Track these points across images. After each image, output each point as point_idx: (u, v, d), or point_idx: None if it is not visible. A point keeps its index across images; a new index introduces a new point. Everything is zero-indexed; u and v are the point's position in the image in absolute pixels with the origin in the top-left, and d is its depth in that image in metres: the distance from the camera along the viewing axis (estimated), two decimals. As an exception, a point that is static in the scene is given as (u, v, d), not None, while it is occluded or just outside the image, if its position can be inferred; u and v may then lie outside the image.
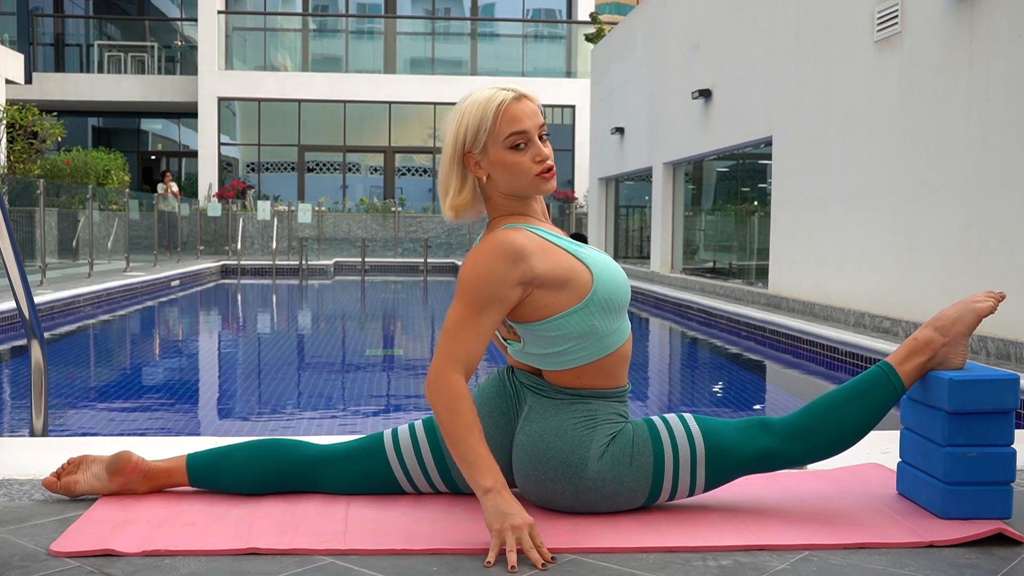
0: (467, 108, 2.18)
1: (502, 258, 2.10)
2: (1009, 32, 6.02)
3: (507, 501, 1.98)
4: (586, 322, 2.17)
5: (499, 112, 2.15)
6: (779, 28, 9.70)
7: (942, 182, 6.72)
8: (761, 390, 6.43)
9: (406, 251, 21.08)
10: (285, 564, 1.94)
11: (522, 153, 2.17)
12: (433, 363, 2.08)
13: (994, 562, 1.99)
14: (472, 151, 2.18)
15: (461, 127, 2.17)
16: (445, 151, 2.20)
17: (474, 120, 2.16)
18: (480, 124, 2.15)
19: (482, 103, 2.16)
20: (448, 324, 2.10)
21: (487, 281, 2.09)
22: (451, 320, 2.10)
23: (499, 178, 2.19)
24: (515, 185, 2.19)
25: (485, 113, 2.15)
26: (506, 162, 2.16)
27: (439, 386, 2.04)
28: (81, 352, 7.57)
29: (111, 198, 17.08)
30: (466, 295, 2.10)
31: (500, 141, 2.15)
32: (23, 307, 3.00)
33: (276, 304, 12.29)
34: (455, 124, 2.18)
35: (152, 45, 25.23)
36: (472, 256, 2.14)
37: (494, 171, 2.18)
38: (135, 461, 2.35)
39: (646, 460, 2.20)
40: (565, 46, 25.32)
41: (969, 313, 2.29)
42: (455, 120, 2.18)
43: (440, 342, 2.10)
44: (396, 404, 5.54)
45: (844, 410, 2.26)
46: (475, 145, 2.17)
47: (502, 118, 2.15)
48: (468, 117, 2.16)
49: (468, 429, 2.03)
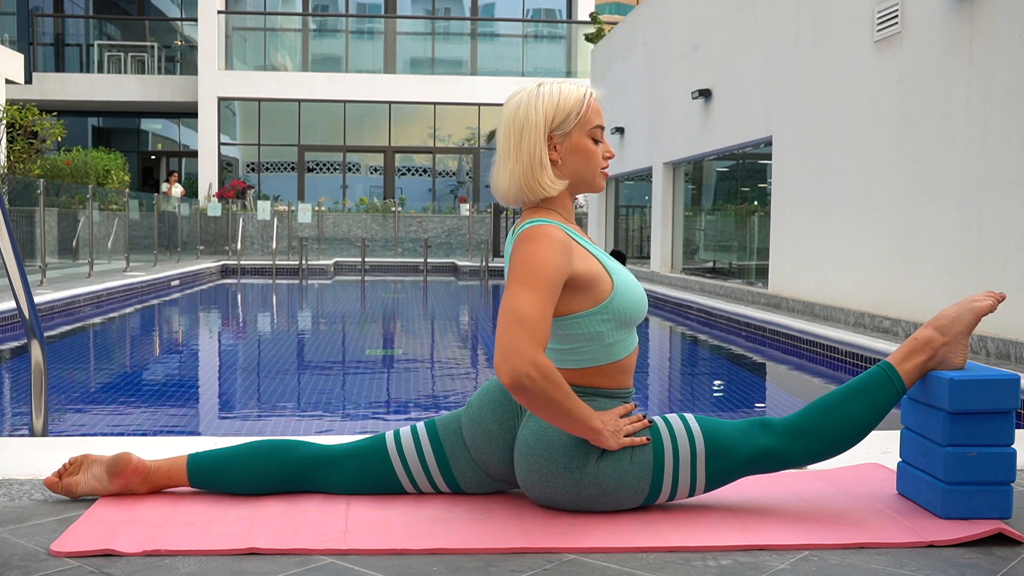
0: (563, 92, 2.25)
1: (559, 248, 2.14)
2: (1009, 32, 6.02)
3: (607, 423, 2.16)
4: (594, 327, 2.20)
5: (590, 102, 2.26)
6: (779, 28, 9.70)
7: (942, 182, 6.72)
8: (761, 390, 6.43)
9: (406, 251, 21.08)
10: (285, 564, 1.94)
11: (597, 146, 2.27)
12: (517, 352, 2.01)
13: (994, 562, 1.99)
14: (555, 133, 2.23)
15: (559, 108, 2.23)
16: (524, 130, 2.22)
17: (571, 105, 2.24)
18: (574, 109, 2.24)
19: (577, 90, 2.25)
20: (526, 311, 2.04)
21: (555, 267, 2.11)
22: (528, 306, 2.05)
23: (570, 163, 2.25)
24: (583, 172, 2.26)
25: (580, 100, 2.25)
26: (586, 149, 2.25)
27: (538, 373, 2.02)
28: (81, 352, 7.57)
29: (111, 198, 17.08)
30: (539, 281, 2.08)
31: (585, 129, 2.25)
32: (23, 307, 3.00)
33: (276, 304, 12.29)
34: (547, 105, 2.23)
35: (152, 45, 25.24)
36: (531, 244, 2.13)
37: (568, 156, 2.25)
38: (135, 463, 2.35)
39: (646, 457, 2.21)
40: (565, 46, 25.32)
41: (968, 312, 2.29)
42: (547, 102, 2.23)
43: (516, 328, 2.03)
44: (396, 404, 5.54)
45: (845, 409, 2.27)
46: (563, 127, 2.24)
47: (591, 108, 2.26)
48: (565, 101, 2.23)
49: (568, 394, 2.07)
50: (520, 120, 2.23)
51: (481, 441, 2.31)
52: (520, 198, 2.26)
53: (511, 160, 2.23)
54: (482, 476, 2.36)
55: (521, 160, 2.22)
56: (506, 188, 2.25)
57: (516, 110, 2.24)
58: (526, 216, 2.26)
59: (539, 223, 2.18)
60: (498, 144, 2.28)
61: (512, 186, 2.24)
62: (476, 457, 2.34)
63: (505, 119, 2.26)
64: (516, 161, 2.23)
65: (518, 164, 2.22)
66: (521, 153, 2.22)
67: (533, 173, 2.22)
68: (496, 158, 2.29)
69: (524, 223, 2.21)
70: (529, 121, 2.22)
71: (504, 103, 2.30)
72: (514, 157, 2.23)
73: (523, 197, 2.25)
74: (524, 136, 2.22)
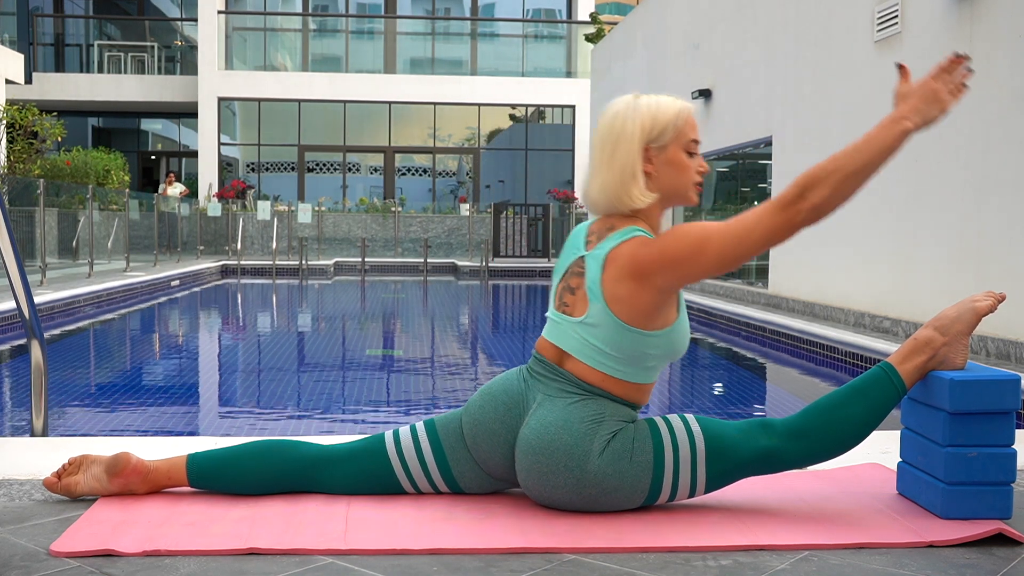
0: (660, 105, 2.25)
1: None
2: (1009, 32, 6.02)
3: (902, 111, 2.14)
4: (644, 348, 2.22)
5: (687, 116, 2.26)
6: (779, 28, 9.70)
7: (942, 182, 6.72)
8: (761, 390, 6.43)
9: (406, 251, 21.08)
10: (285, 564, 1.94)
11: (691, 159, 2.27)
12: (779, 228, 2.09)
13: (994, 562, 1.99)
14: (652, 145, 2.24)
15: (656, 121, 2.24)
16: (620, 141, 2.24)
17: (668, 117, 2.24)
18: (672, 122, 2.24)
19: (673, 104, 2.26)
20: (730, 234, 2.12)
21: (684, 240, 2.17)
22: (723, 232, 2.12)
23: (664, 176, 2.26)
24: (677, 185, 2.27)
25: (679, 114, 2.25)
26: (681, 163, 2.26)
27: (809, 210, 2.07)
28: (81, 352, 7.57)
29: (111, 198, 17.08)
30: (695, 236, 2.14)
31: (682, 143, 2.26)
32: (23, 307, 3.00)
33: (276, 304, 12.29)
34: (644, 117, 2.24)
35: (152, 45, 25.24)
36: (658, 240, 2.19)
37: (663, 168, 2.26)
38: (134, 463, 2.35)
39: (646, 457, 2.21)
40: (565, 46, 25.32)
41: (968, 312, 2.29)
42: (644, 114, 2.24)
43: (749, 234, 2.10)
44: (396, 404, 5.54)
45: (845, 410, 2.27)
46: (659, 140, 2.24)
47: (687, 122, 2.27)
48: (662, 114, 2.24)
49: (839, 157, 2.07)
50: (616, 131, 2.25)
51: (482, 439, 2.31)
52: (609, 208, 2.27)
53: (604, 170, 2.25)
54: (482, 476, 2.36)
55: (614, 171, 2.24)
56: (596, 197, 2.27)
57: (613, 121, 2.26)
58: (620, 224, 2.26)
59: (641, 233, 2.21)
60: (592, 154, 2.29)
61: (602, 196, 2.26)
62: (476, 456, 2.34)
63: (601, 129, 2.28)
64: (609, 171, 2.24)
65: (610, 174, 2.24)
66: (614, 164, 2.24)
67: (624, 185, 2.23)
68: (589, 167, 2.30)
69: (624, 230, 2.23)
70: (625, 132, 2.24)
71: (601, 113, 2.31)
72: (607, 167, 2.24)
73: (612, 208, 2.27)
74: (619, 147, 2.24)
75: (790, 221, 2.08)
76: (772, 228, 2.09)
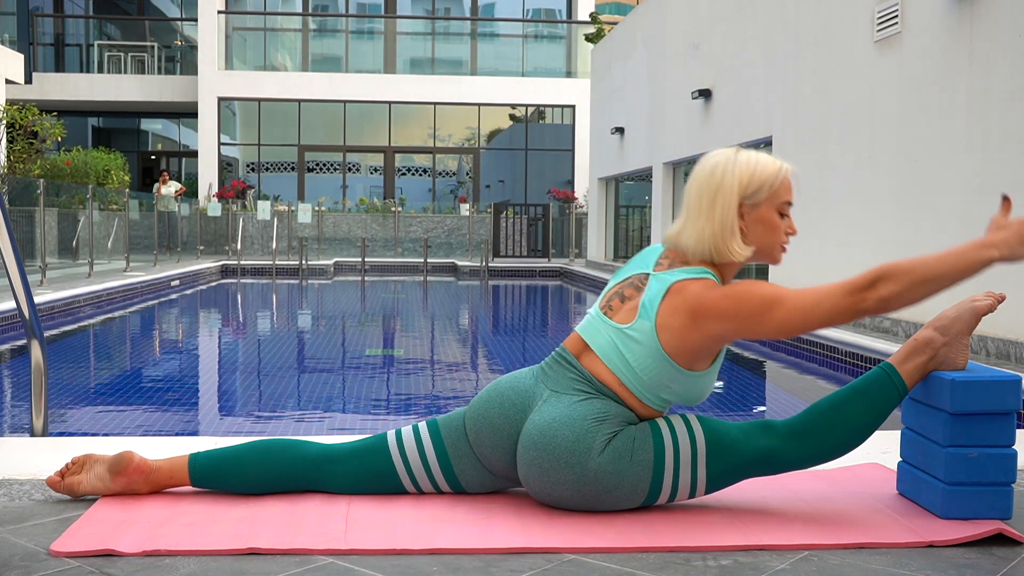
0: (760, 162, 2.27)
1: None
2: (1009, 32, 6.02)
3: (992, 239, 2.16)
4: (665, 379, 2.24)
5: (785, 178, 2.29)
6: (779, 28, 9.71)
7: (942, 182, 6.72)
8: (761, 390, 6.43)
9: (406, 251, 21.08)
10: (285, 564, 1.94)
11: (782, 220, 2.30)
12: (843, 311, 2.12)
13: (994, 562, 1.99)
14: (746, 201, 2.26)
15: (754, 178, 2.26)
16: (719, 193, 2.25)
17: (767, 176, 2.27)
18: (770, 181, 2.27)
19: (774, 163, 2.29)
20: (798, 309, 2.14)
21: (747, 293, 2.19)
22: (794, 310, 2.14)
23: (754, 233, 2.28)
24: (764, 244, 2.30)
25: (777, 173, 2.28)
26: (772, 222, 2.29)
27: (876, 301, 2.10)
28: (81, 352, 7.57)
29: (111, 198, 17.08)
30: (765, 297, 2.17)
31: (775, 203, 2.28)
32: (23, 307, 3.00)
33: (276, 304, 12.29)
34: (743, 172, 2.26)
35: (152, 45, 25.23)
36: (719, 287, 2.22)
37: (754, 226, 2.28)
38: (137, 462, 2.36)
39: (647, 456, 2.22)
40: (565, 46, 25.32)
41: (968, 312, 2.30)
42: (743, 169, 2.26)
43: (816, 314, 2.14)
44: (397, 404, 5.54)
45: (846, 411, 2.27)
46: (754, 197, 2.26)
47: (784, 183, 2.29)
48: (761, 171, 2.26)
49: (919, 261, 2.13)
50: (715, 183, 2.26)
51: (485, 434, 2.31)
52: (702, 257, 2.28)
53: (702, 220, 2.26)
54: (484, 473, 2.37)
55: (713, 222, 2.25)
56: (693, 245, 2.27)
57: (712, 172, 2.28)
58: (695, 262, 2.28)
59: (711, 277, 2.23)
60: (688, 201, 2.31)
61: (700, 245, 2.26)
62: (478, 452, 2.34)
63: (699, 179, 2.30)
64: (708, 222, 2.26)
65: (709, 225, 2.25)
66: (714, 216, 2.25)
67: (723, 237, 2.25)
68: (683, 214, 2.32)
69: (697, 268, 2.25)
70: (724, 186, 2.26)
71: (700, 162, 2.33)
72: (706, 218, 2.26)
73: (706, 257, 2.28)
74: (718, 199, 2.25)
75: (855, 306, 2.10)
76: (837, 309, 2.12)
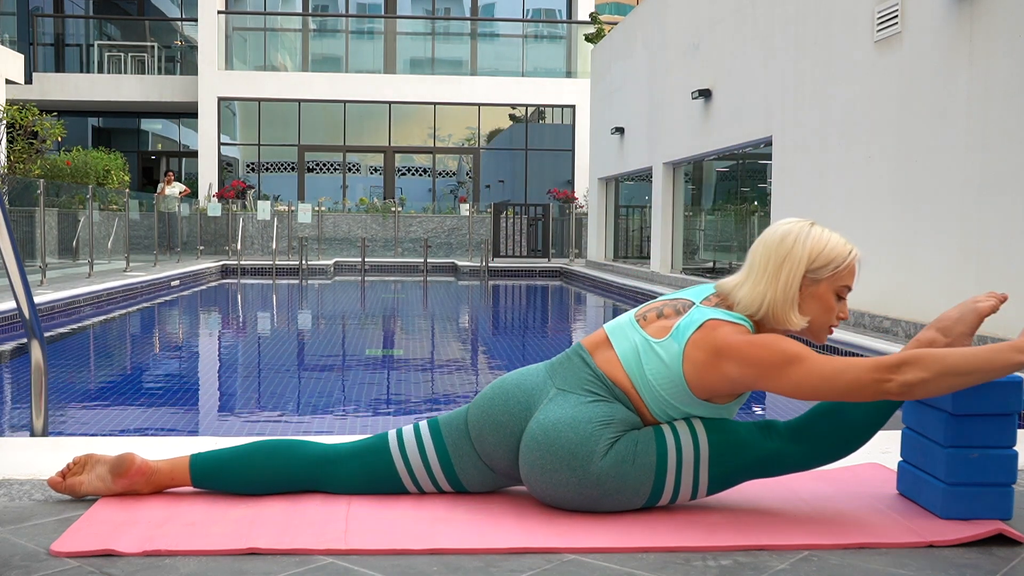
0: (832, 240, 2.31)
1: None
2: (1009, 32, 6.02)
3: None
4: (677, 402, 2.25)
5: (851, 263, 2.31)
6: (779, 28, 9.70)
7: (942, 182, 6.72)
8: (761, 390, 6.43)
9: (406, 251, 21.07)
10: (285, 564, 1.94)
11: (838, 303, 2.32)
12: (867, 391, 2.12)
13: (994, 562, 1.99)
14: (808, 275, 2.28)
15: (823, 254, 2.29)
16: (787, 261, 2.28)
17: (835, 256, 2.30)
18: (835, 262, 2.29)
19: (846, 246, 2.32)
20: (816, 374, 2.15)
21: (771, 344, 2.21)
22: (810, 373, 2.15)
23: (807, 308, 2.30)
24: (814, 320, 2.31)
25: (844, 256, 2.31)
26: (827, 303, 2.31)
27: (901, 385, 2.08)
28: (81, 352, 7.57)
29: (111, 198, 17.08)
30: (786, 353, 2.17)
31: (836, 284, 2.31)
32: (23, 307, 3.00)
33: (276, 304, 12.29)
34: (814, 246, 2.29)
35: (152, 45, 25.23)
36: (747, 333, 2.24)
37: (809, 300, 2.30)
38: (139, 463, 2.36)
39: (650, 459, 2.21)
40: (565, 46, 25.31)
41: (971, 313, 2.29)
42: (815, 243, 2.29)
43: (838, 385, 2.13)
44: (397, 404, 5.54)
45: (848, 412, 2.27)
46: (818, 273, 2.28)
47: (849, 268, 2.31)
48: (831, 250, 2.29)
49: (948, 353, 2.09)
50: (785, 250, 2.29)
51: (489, 431, 2.31)
52: (758, 316, 2.30)
53: (764, 282, 2.28)
54: (485, 472, 2.36)
55: (777, 288, 2.27)
56: (748, 302, 2.29)
57: (784, 238, 2.30)
58: (738, 308, 2.30)
59: (746, 324, 2.25)
60: (752, 261, 2.33)
61: (757, 305, 2.28)
62: (481, 450, 2.34)
63: (769, 243, 2.32)
64: (771, 287, 2.28)
65: (772, 290, 2.28)
66: (778, 282, 2.27)
67: (784, 304, 2.27)
68: (744, 272, 2.34)
69: (737, 314, 2.28)
70: (794, 255, 2.28)
71: (771, 227, 2.36)
72: (769, 281, 2.28)
73: (761, 317, 2.29)
74: (785, 266, 2.28)
75: (878, 384, 2.10)
76: (858, 383, 2.11)
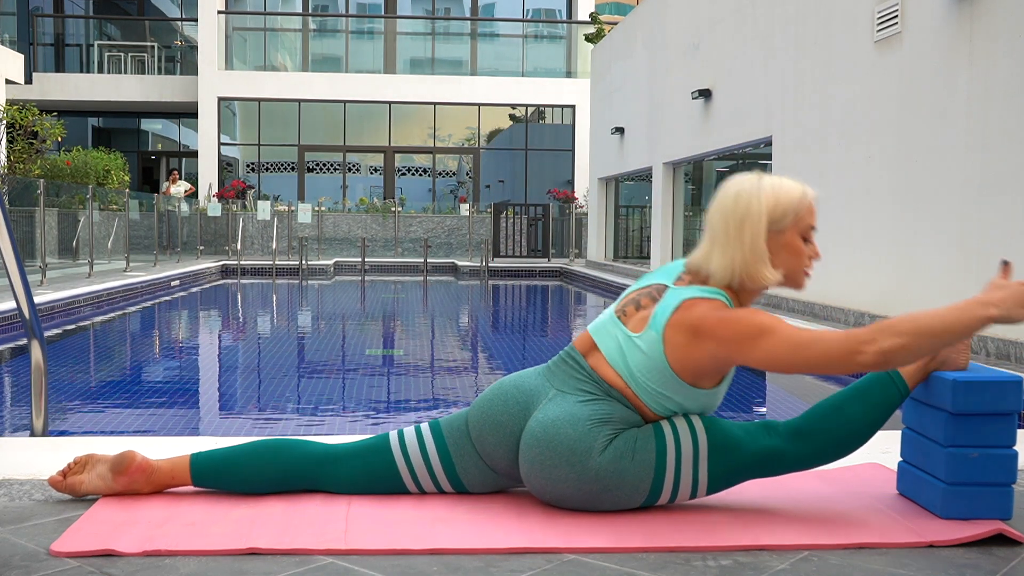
0: (783, 188, 2.27)
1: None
2: (1009, 32, 6.02)
3: (991, 298, 2.09)
4: (667, 390, 2.24)
5: (809, 203, 2.29)
6: (779, 28, 9.70)
7: (942, 182, 6.72)
8: (761, 390, 6.43)
9: (406, 251, 21.08)
10: (285, 564, 1.94)
11: (806, 245, 2.30)
12: (847, 362, 2.10)
13: (994, 562, 1.99)
14: (771, 228, 2.26)
15: (779, 204, 2.25)
16: (746, 220, 2.24)
17: (792, 202, 2.26)
18: (794, 207, 2.26)
19: (798, 188, 2.29)
20: (788, 342, 2.13)
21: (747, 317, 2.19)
22: (784, 341, 2.13)
23: (778, 259, 2.28)
24: (789, 269, 2.30)
25: (802, 199, 2.28)
26: (796, 247, 2.29)
27: (877, 356, 2.07)
28: (81, 352, 7.57)
29: (111, 198, 17.08)
30: (762, 324, 2.16)
31: (800, 228, 2.29)
32: (23, 307, 3.00)
33: (276, 304, 12.29)
34: (768, 199, 2.25)
35: (152, 45, 25.23)
36: (724, 309, 2.21)
37: (778, 251, 2.28)
38: (139, 461, 2.36)
39: (648, 456, 2.22)
40: (565, 46, 25.31)
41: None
42: (768, 195, 2.26)
43: (811, 354, 2.12)
44: (397, 404, 5.54)
45: (848, 412, 2.27)
46: (779, 223, 2.26)
47: (808, 208, 2.29)
48: (785, 197, 2.26)
49: (919, 315, 2.09)
50: (741, 210, 2.26)
51: (489, 431, 2.32)
52: (730, 282, 2.28)
53: (731, 247, 2.25)
54: (486, 472, 2.37)
55: (743, 249, 2.25)
56: (721, 271, 2.26)
57: (737, 199, 2.27)
58: (713, 283, 2.28)
59: (723, 299, 2.23)
60: (712, 228, 2.30)
61: (729, 271, 2.25)
62: (481, 449, 2.34)
63: (724, 205, 2.28)
64: (738, 249, 2.25)
65: (740, 252, 2.25)
66: (743, 243, 2.24)
67: (755, 264, 2.25)
68: (707, 241, 2.30)
69: (712, 288, 2.25)
70: (752, 213, 2.25)
71: (722, 188, 2.32)
72: (736, 245, 2.25)
73: (735, 282, 2.27)
74: (746, 226, 2.25)
75: (852, 354, 2.08)
76: (831, 353, 2.10)
